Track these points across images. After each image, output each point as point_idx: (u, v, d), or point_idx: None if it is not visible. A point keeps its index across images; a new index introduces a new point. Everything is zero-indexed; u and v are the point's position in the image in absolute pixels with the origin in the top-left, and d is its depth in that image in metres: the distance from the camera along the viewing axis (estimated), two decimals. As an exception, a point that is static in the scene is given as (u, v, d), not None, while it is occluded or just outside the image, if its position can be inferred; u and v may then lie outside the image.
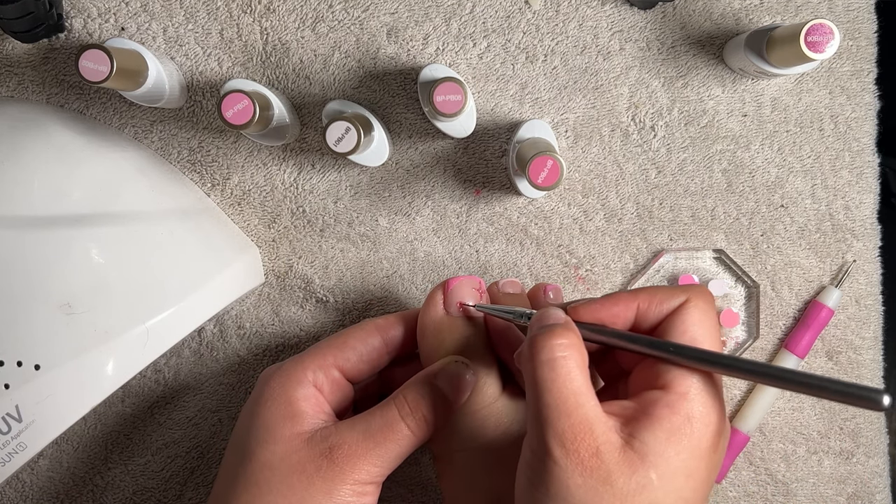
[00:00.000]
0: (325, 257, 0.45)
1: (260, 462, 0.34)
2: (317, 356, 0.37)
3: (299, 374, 0.36)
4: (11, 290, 0.34)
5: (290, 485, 0.33)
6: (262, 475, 0.34)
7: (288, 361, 0.38)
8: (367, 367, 0.38)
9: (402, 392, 0.36)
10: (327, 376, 0.37)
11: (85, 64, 0.36)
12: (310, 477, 0.33)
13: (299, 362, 0.37)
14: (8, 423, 0.34)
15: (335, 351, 0.37)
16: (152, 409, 0.46)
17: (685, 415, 0.29)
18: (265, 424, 0.35)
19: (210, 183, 0.44)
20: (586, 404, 0.28)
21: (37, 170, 0.36)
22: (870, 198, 0.45)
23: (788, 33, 0.37)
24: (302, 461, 0.34)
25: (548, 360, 0.29)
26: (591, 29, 0.43)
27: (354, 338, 0.38)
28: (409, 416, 0.35)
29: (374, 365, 0.39)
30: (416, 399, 0.35)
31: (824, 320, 0.44)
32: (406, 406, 0.35)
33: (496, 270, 0.45)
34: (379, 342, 0.38)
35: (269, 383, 0.37)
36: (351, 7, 0.43)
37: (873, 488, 0.46)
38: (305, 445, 0.34)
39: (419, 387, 0.35)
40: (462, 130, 0.42)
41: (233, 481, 0.35)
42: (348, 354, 0.37)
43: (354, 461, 0.33)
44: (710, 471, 0.30)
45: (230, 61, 0.43)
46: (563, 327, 0.30)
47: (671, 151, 0.44)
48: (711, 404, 0.30)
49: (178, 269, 0.39)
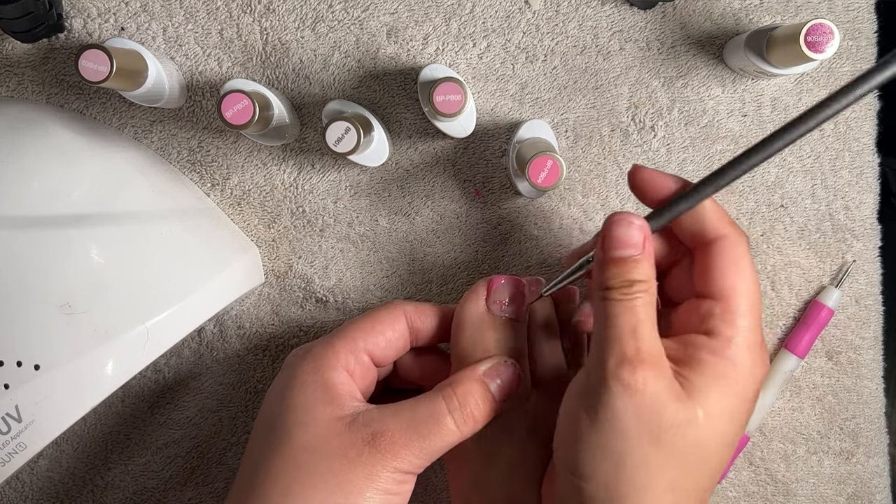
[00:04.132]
0: (325, 257, 0.45)
1: (299, 444, 0.33)
2: (347, 340, 0.36)
3: (332, 359, 0.36)
4: (11, 290, 0.34)
5: (330, 468, 0.33)
6: (301, 457, 0.33)
7: (318, 344, 0.37)
8: (393, 354, 0.38)
9: (450, 385, 0.35)
10: (358, 361, 0.36)
11: (85, 64, 0.36)
12: (352, 462, 0.33)
13: (330, 346, 0.36)
14: (8, 423, 0.34)
15: (364, 335, 0.37)
16: (152, 409, 0.46)
17: (731, 361, 0.30)
18: (303, 405, 0.34)
19: (210, 183, 0.44)
20: (647, 337, 0.30)
21: (37, 170, 0.36)
22: (870, 198, 0.45)
23: (788, 33, 0.37)
24: (343, 445, 0.33)
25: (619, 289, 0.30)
26: (591, 29, 0.43)
27: (382, 321, 0.37)
28: (456, 411, 0.34)
29: (399, 352, 0.38)
30: (464, 394, 0.34)
31: (824, 320, 0.44)
32: (455, 400, 0.34)
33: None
34: (403, 328, 0.38)
35: (302, 367, 0.36)
36: (351, 7, 0.43)
37: (873, 488, 0.46)
38: (347, 429, 0.33)
39: (469, 382, 0.35)
40: (462, 130, 0.42)
41: (267, 463, 0.34)
42: (378, 339, 0.37)
43: (397, 450, 0.33)
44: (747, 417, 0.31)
45: (230, 61, 0.43)
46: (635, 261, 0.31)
47: (671, 151, 0.44)
48: (756, 351, 0.30)
49: (178, 269, 0.39)
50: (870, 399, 0.46)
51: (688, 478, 0.30)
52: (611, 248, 0.31)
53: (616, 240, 0.31)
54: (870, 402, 0.46)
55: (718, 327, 0.30)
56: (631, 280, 0.30)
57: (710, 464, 0.30)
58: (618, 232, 0.31)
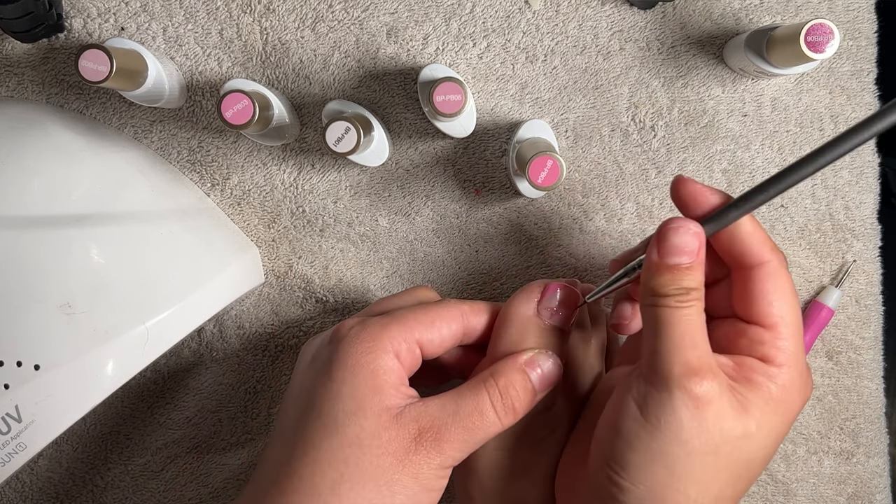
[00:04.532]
0: (325, 257, 0.45)
1: (350, 437, 0.33)
2: (404, 327, 0.35)
3: (385, 343, 0.34)
4: (11, 290, 0.34)
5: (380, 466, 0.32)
6: (351, 451, 0.32)
7: (372, 324, 0.35)
8: (442, 350, 0.37)
9: (492, 376, 0.34)
10: (409, 350, 0.35)
11: (85, 64, 0.36)
12: (400, 459, 0.32)
13: (385, 330, 0.35)
14: (7, 423, 0.34)
15: (422, 327, 0.36)
16: (152, 409, 0.46)
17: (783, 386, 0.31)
18: (353, 395, 0.33)
19: (210, 183, 0.44)
20: (705, 347, 0.30)
21: (36, 170, 0.36)
22: (870, 198, 0.45)
23: (788, 33, 0.37)
24: (392, 441, 0.33)
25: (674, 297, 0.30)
26: (591, 29, 0.43)
27: (441, 318, 0.36)
28: (498, 403, 0.34)
29: (448, 349, 0.38)
30: (506, 385, 0.34)
31: (824, 320, 0.44)
32: (497, 391, 0.34)
33: (496, 271, 0.45)
34: (459, 327, 0.37)
35: (354, 345, 0.34)
36: (351, 7, 0.43)
37: (873, 488, 0.46)
38: (395, 423, 0.33)
39: (511, 372, 0.34)
40: (462, 130, 0.42)
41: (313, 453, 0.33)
42: (433, 335, 0.36)
43: (442, 446, 0.33)
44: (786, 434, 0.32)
45: (230, 61, 0.43)
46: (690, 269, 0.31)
47: (671, 151, 0.44)
48: (805, 377, 0.32)
49: (178, 269, 0.39)
50: (870, 399, 0.46)
51: (732, 488, 0.31)
52: (667, 255, 0.31)
53: (674, 247, 0.31)
54: (870, 402, 0.46)
55: (771, 353, 0.31)
56: (686, 288, 0.30)
57: (752, 476, 0.31)
58: (676, 239, 0.31)
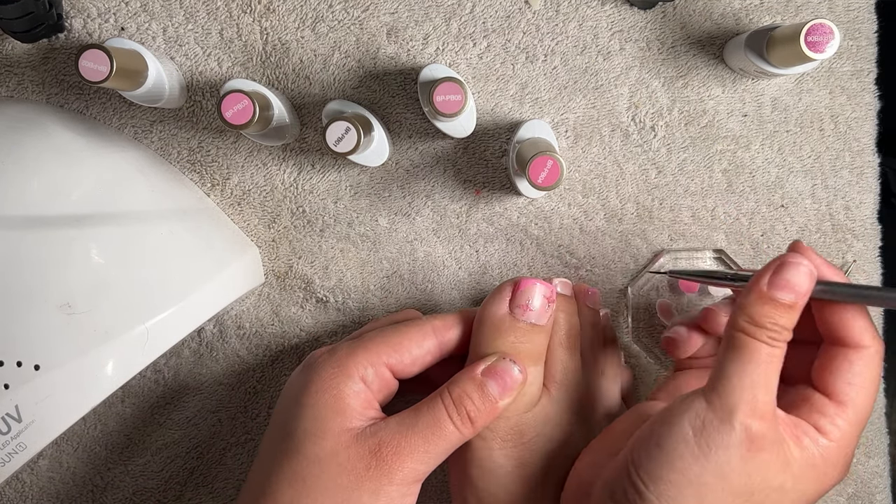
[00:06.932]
0: (325, 257, 0.45)
1: (308, 457, 0.34)
2: (370, 352, 0.36)
3: (350, 368, 0.35)
4: (11, 290, 0.34)
5: (338, 483, 0.33)
6: (309, 470, 0.33)
7: (340, 351, 0.37)
8: (417, 369, 0.38)
9: (447, 388, 0.35)
10: (378, 374, 0.36)
11: (85, 64, 0.35)
12: (359, 476, 0.33)
13: (352, 356, 0.36)
14: (8, 423, 0.34)
15: (390, 350, 0.36)
16: (152, 409, 0.46)
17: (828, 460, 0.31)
18: (315, 416, 0.34)
19: (210, 183, 0.44)
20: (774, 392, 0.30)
21: (37, 170, 0.36)
22: (870, 198, 0.45)
23: (788, 33, 0.37)
24: (351, 459, 0.33)
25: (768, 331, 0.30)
26: (591, 29, 0.43)
27: (411, 339, 0.37)
28: (454, 414, 0.34)
29: (424, 366, 0.38)
30: (460, 395, 0.35)
31: (824, 320, 0.44)
32: (451, 403, 0.34)
33: (496, 271, 0.45)
34: (434, 344, 0.38)
35: (320, 372, 0.36)
36: (351, 7, 0.43)
37: (873, 488, 0.46)
38: (355, 442, 0.34)
39: (465, 383, 0.35)
40: (462, 130, 0.42)
41: (277, 472, 0.34)
42: (402, 356, 0.37)
43: (402, 460, 0.33)
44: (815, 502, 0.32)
45: (230, 61, 0.43)
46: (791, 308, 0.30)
47: (671, 151, 0.44)
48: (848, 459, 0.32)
49: (178, 269, 0.39)
50: (870, 399, 0.46)
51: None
52: (775, 287, 0.31)
53: (785, 281, 0.31)
54: (870, 402, 0.46)
55: (827, 427, 0.31)
56: (782, 326, 0.30)
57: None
58: (788, 274, 0.31)
